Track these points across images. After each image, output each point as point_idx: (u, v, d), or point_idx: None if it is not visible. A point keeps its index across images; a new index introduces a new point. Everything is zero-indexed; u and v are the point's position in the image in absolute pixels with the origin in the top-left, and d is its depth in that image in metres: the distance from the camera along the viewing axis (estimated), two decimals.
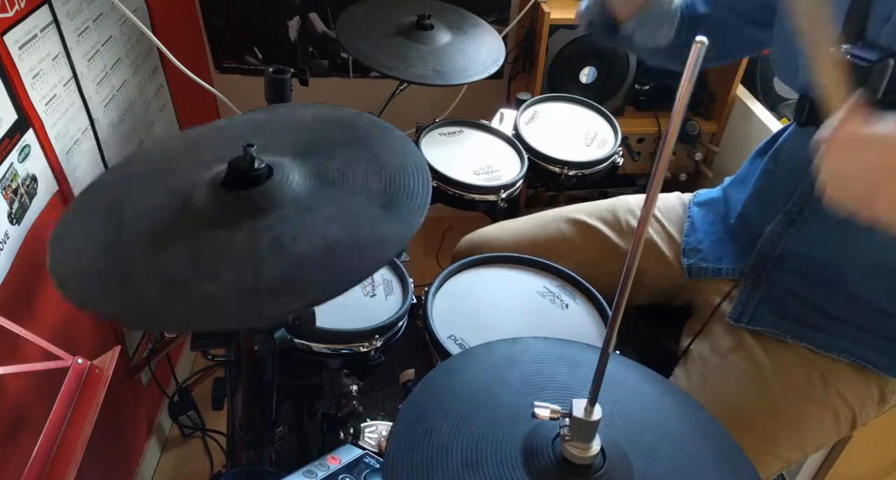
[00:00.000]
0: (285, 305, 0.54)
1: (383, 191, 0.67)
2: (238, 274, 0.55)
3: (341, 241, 0.60)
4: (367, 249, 0.60)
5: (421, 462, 0.54)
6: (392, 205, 0.66)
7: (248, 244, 0.58)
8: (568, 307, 0.97)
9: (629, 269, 0.46)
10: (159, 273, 0.56)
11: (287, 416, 1.08)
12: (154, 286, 0.55)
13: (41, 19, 1.03)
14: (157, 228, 0.60)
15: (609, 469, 0.54)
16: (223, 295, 0.54)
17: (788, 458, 0.91)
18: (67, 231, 0.63)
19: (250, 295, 0.54)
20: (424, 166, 0.70)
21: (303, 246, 0.59)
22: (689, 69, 0.39)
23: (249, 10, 1.79)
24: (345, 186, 0.66)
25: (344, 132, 0.75)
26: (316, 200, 0.64)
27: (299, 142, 0.70)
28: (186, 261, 0.56)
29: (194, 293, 0.54)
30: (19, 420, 0.99)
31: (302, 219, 0.62)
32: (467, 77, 1.25)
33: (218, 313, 0.53)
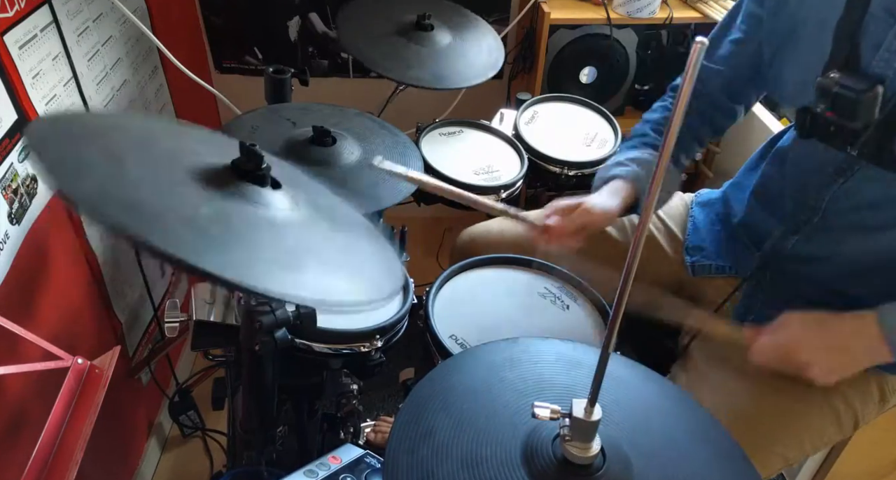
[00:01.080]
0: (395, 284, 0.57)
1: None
2: (270, 247, 0.56)
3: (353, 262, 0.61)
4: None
5: (421, 461, 0.54)
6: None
7: (271, 227, 0.59)
8: (568, 308, 0.97)
9: (629, 269, 0.46)
10: (179, 214, 0.54)
11: (287, 416, 1.08)
12: (177, 223, 0.52)
13: (41, 19, 1.03)
14: (162, 180, 0.58)
15: (609, 468, 0.54)
16: (258, 259, 0.54)
17: (788, 457, 0.91)
18: (55, 143, 0.57)
19: (283, 271, 0.55)
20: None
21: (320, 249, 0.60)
22: (688, 69, 0.39)
23: (249, 10, 1.79)
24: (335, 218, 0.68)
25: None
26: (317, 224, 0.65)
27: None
28: (209, 218, 0.55)
29: (231, 249, 0.54)
30: (19, 420, 0.99)
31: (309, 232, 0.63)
32: (465, 81, 1.25)
33: (256, 276, 0.52)
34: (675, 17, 1.60)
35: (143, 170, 0.57)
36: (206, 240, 0.53)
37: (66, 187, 0.49)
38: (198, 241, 0.52)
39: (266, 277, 0.53)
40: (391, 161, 0.94)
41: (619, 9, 1.60)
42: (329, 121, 1.05)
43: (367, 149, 1.07)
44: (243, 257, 0.54)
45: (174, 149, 0.65)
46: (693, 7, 1.65)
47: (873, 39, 0.78)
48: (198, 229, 0.53)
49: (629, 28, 1.63)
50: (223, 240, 0.54)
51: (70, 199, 0.49)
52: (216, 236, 0.54)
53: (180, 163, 0.62)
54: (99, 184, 0.52)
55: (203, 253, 0.51)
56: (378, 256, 0.69)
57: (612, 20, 1.57)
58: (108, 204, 0.50)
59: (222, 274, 0.49)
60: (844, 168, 0.85)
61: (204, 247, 0.52)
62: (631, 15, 1.59)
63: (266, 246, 0.57)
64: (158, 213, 0.52)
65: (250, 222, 0.59)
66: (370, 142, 1.09)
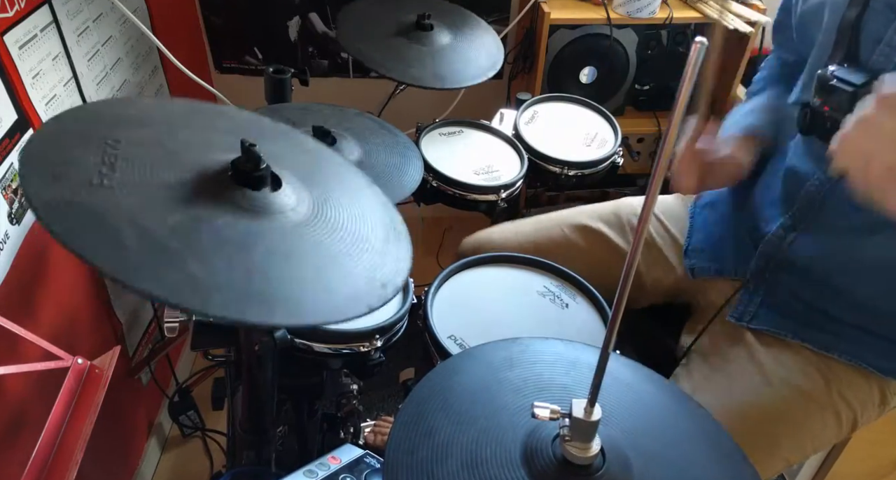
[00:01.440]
0: (269, 318, 0.53)
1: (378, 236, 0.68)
2: (230, 267, 0.54)
3: (334, 276, 0.60)
4: (360, 289, 0.60)
5: (421, 461, 0.54)
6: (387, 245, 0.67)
7: (243, 243, 0.57)
8: (568, 306, 0.97)
9: (629, 268, 0.46)
10: (140, 225, 0.53)
11: (287, 416, 1.08)
12: (132, 236, 0.51)
13: (41, 19, 1.03)
14: (148, 184, 0.57)
15: (609, 469, 0.54)
16: (212, 283, 0.52)
17: (789, 459, 0.91)
18: (51, 145, 0.57)
19: (239, 294, 0.53)
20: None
21: (297, 267, 0.58)
22: (688, 69, 0.39)
23: (249, 10, 1.79)
24: (338, 222, 0.66)
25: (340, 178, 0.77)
26: (311, 227, 0.64)
27: (301, 167, 0.69)
28: (172, 229, 0.54)
29: (183, 266, 0.52)
30: (19, 420, 0.99)
31: (299, 240, 0.61)
32: (466, 80, 1.25)
33: (202, 297, 0.51)
34: (675, 17, 1.60)
35: (129, 173, 0.57)
36: (157, 254, 0.51)
37: (29, 190, 0.50)
38: (144, 257, 0.51)
39: (206, 296, 0.51)
40: None
41: (619, 9, 1.60)
42: (329, 121, 1.05)
43: (367, 149, 1.07)
44: (194, 275, 0.52)
45: (190, 141, 0.64)
46: (693, 7, 1.65)
47: (874, 34, 0.78)
48: (151, 244, 0.52)
49: (629, 28, 1.63)
50: (178, 254, 0.52)
51: (31, 205, 0.49)
52: (172, 249, 0.52)
53: (183, 160, 0.61)
54: (68, 191, 0.52)
55: (143, 269, 0.50)
56: (384, 229, 0.69)
57: (612, 20, 1.57)
58: (61, 213, 0.50)
59: (155, 292, 0.48)
60: None
61: (149, 263, 0.50)
62: (631, 15, 1.59)
63: (230, 258, 0.55)
64: (112, 225, 0.51)
65: (225, 233, 0.57)
66: (370, 142, 1.09)
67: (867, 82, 0.75)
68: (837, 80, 0.77)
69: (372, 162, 1.04)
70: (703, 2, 1.65)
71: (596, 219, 1.15)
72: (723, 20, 1.55)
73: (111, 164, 0.56)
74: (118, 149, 0.58)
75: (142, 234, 0.52)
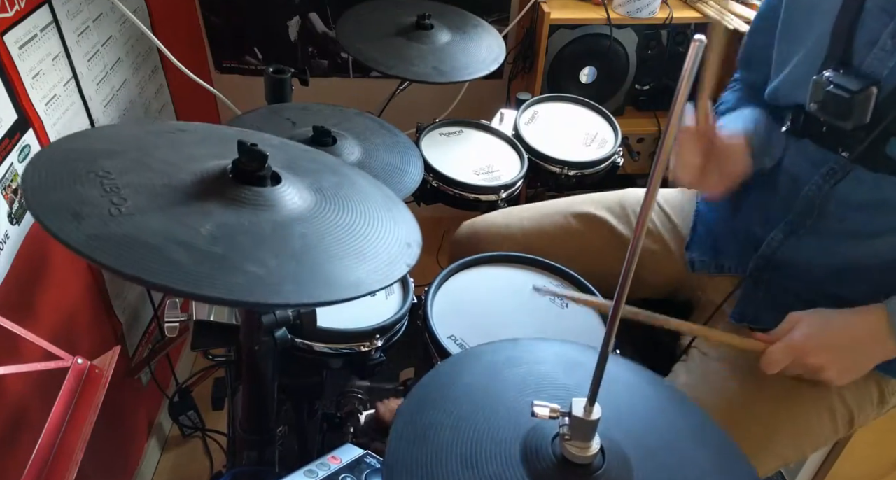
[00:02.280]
0: (338, 294, 0.57)
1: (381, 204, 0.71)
2: (279, 259, 0.57)
3: (362, 249, 0.64)
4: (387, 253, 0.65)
5: (421, 461, 0.54)
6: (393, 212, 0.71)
7: (276, 235, 0.59)
8: (568, 306, 0.97)
9: (629, 268, 0.46)
10: (180, 240, 0.54)
11: (287, 416, 1.08)
12: (179, 251, 0.53)
13: (41, 19, 1.03)
14: (160, 203, 0.59)
15: (609, 468, 0.54)
16: (276, 276, 0.55)
17: (785, 456, 0.91)
18: (52, 189, 0.58)
19: (303, 280, 0.56)
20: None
21: (332, 246, 0.62)
22: (687, 69, 0.39)
23: (249, 10, 1.79)
24: (344, 205, 0.69)
25: (318, 162, 0.79)
26: (324, 211, 0.66)
27: (278, 160, 0.72)
28: (209, 237, 0.56)
29: (240, 267, 0.54)
30: (19, 420, 0.99)
31: (322, 223, 0.64)
32: (468, 74, 1.25)
33: (275, 291, 0.53)
34: (675, 17, 1.60)
35: (139, 196, 0.58)
36: (210, 262, 0.53)
37: (63, 236, 0.51)
38: (202, 267, 0.52)
39: (278, 289, 0.53)
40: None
41: (619, 9, 1.60)
42: (329, 121, 1.05)
43: (367, 149, 1.07)
44: (254, 272, 0.54)
45: (171, 160, 0.65)
46: (693, 7, 1.65)
47: (868, 37, 0.78)
48: (200, 254, 0.54)
49: (629, 28, 1.63)
50: (229, 258, 0.55)
51: (70, 246, 0.50)
52: (220, 255, 0.54)
53: (178, 175, 0.62)
54: (98, 226, 0.53)
55: (208, 278, 0.51)
56: (393, 222, 0.72)
57: (612, 20, 1.57)
58: (104, 246, 0.51)
59: (232, 296, 0.50)
60: (836, 169, 0.84)
61: (209, 272, 0.52)
62: (631, 15, 1.59)
63: (273, 251, 0.57)
64: (156, 246, 0.53)
65: (255, 231, 0.59)
66: (370, 142, 1.09)
67: (864, 88, 0.76)
68: (834, 87, 0.77)
69: (372, 162, 1.04)
70: (703, 2, 1.65)
71: (600, 208, 1.15)
72: (723, 20, 1.54)
73: (117, 193, 0.58)
74: (114, 179, 0.60)
75: (187, 248, 0.54)
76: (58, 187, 0.57)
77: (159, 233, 0.54)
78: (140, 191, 0.59)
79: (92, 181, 0.58)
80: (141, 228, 0.54)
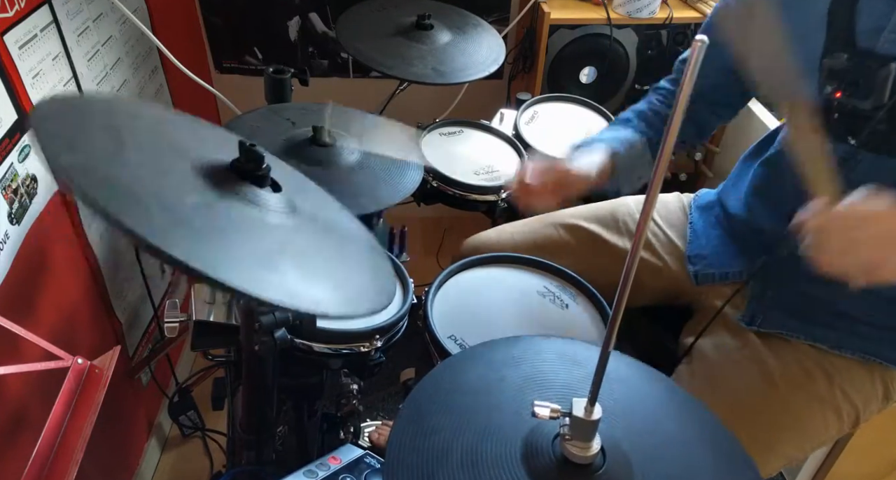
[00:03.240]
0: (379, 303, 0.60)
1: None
2: (244, 249, 0.56)
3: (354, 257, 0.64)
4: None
5: (421, 461, 0.54)
6: None
7: (255, 230, 0.59)
8: (568, 307, 0.97)
9: (629, 269, 0.46)
10: (162, 200, 0.54)
11: (287, 416, 1.08)
12: (157, 207, 0.52)
13: (41, 19, 1.03)
14: (157, 167, 0.59)
15: (609, 468, 0.54)
16: (230, 259, 0.54)
17: (790, 456, 0.91)
18: (59, 120, 0.57)
19: (256, 270, 0.55)
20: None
21: (305, 259, 0.61)
22: (688, 69, 0.39)
23: (249, 10, 1.79)
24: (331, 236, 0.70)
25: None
26: (309, 232, 0.66)
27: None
28: (193, 208, 0.56)
29: (208, 243, 0.54)
30: (19, 420, 0.99)
31: (300, 239, 0.64)
32: (467, 76, 1.25)
33: (222, 268, 0.52)
34: (675, 17, 1.60)
35: (142, 154, 0.58)
36: (183, 227, 0.53)
37: (52, 157, 0.50)
38: (173, 227, 0.52)
39: (235, 272, 0.52)
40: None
41: (619, 9, 1.60)
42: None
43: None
44: (218, 249, 0.54)
45: (184, 141, 0.66)
46: (693, 7, 1.65)
47: (872, 22, 0.78)
48: (178, 216, 0.53)
49: (629, 28, 1.63)
50: (203, 230, 0.54)
51: (54, 169, 0.49)
52: (197, 226, 0.54)
53: (186, 154, 0.62)
54: (87, 159, 0.52)
55: (175, 239, 0.50)
56: (371, 271, 0.70)
57: (612, 20, 1.57)
58: (89, 177, 0.50)
59: (187, 261, 0.48)
60: (847, 159, 0.83)
61: (178, 235, 0.51)
62: (631, 15, 1.59)
63: (247, 243, 0.57)
64: (139, 195, 0.52)
65: (238, 219, 0.59)
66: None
67: (884, 64, 0.76)
68: (854, 65, 0.77)
69: (372, 162, 1.04)
70: (704, 2, 1.65)
71: (591, 220, 1.15)
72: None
73: (120, 145, 0.57)
74: (122, 135, 0.59)
75: (165, 208, 0.53)
76: (68, 121, 0.57)
77: (145, 186, 0.54)
78: (143, 149, 0.59)
79: (102, 130, 0.58)
80: (129, 176, 0.54)
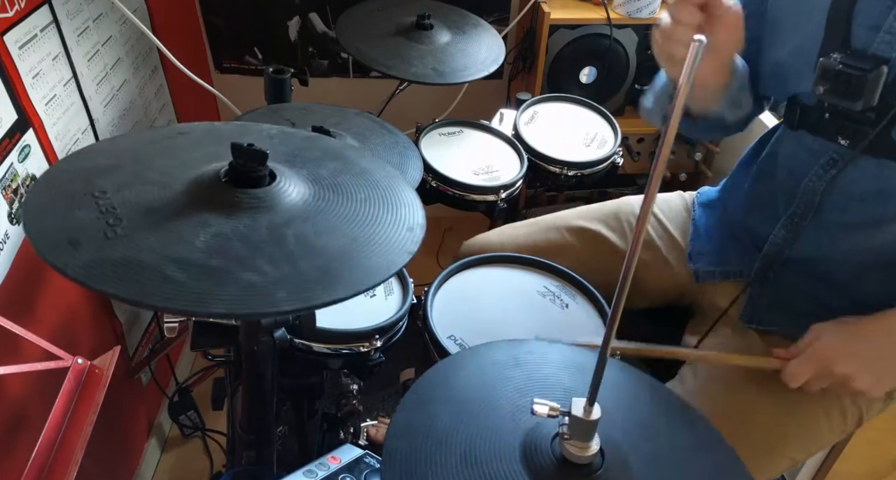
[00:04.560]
0: (337, 293, 0.56)
1: (380, 197, 0.70)
2: (275, 263, 0.56)
3: (361, 239, 0.62)
4: (385, 247, 0.63)
5: (419, 459, 0.54)
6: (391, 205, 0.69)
7: (273, 238, 0.59)
8: (568, 307, 0.97)
9: (628, 267, 0.46)
10: (175, 257, 0.55)
11: (287, 416, 1.08)
12: (174, 269, 0.54)
13: (41, 19, 1.03)
14: (157, 218, 0.59)
15: (608, 469, 0.54)
16: (269, 283, 0.54)
17: (795, 458, 0.91)
18: (48, 215, 0.59)
19: (298, 284, 0.55)
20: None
21: (329, 241, 0.61)
22: (687, 69, 0.39)
23: (249, 10, 1.79)
24: (343, 192, 0.68)
25: (318, 149, 0.78)
26: (321, 202, 0.66)
27: (273, 153, 0.72)
28: (205, 250, 0.56)
29: (236, 278, 0.54)
30: (19, 420, 0.99)
31: (319, 217, 0.63)
32: (467, 76, 1.25)
33: (269, 299, 0.53)
34: None
35: (134, 216, 0.58)
36: (207, 277, 0.53)
37: (61, 265, 0.52)
38: (200, 283, 0.53)
39: (272, 298, 0.53)
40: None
41: (619, 9, 1.60)
42: (329, 121, 1.05)
43: (367, 149, 1.07)
44: (250, 282, 0.54)
45: (167, 169, 0.66)
46: None
47: (869, 21, 0.77)
48: (196, 269, 0.54)
49: (629, 28, 1.63)
50: (225, 269, 0.54)
51: (67, 276, 0.51)
52: (216, 267, 0.54)
53: (172, 186, 0.63)
54: (91, 251, 0.54)
55: (206, 294, 0.52)
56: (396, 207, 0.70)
57: (612, 20, 1.57)
58: (101, 272, 0.52)
59: (230, 310, 0.51)
60: (836, 159, 0.84)
61: (208, 287, 0.52)
62: (631, 15, 1.59)
63: (269, 256, 0.57)
64: (153, 265, 0.53)
65: (252, 236, 0.59)
66: (370, 142, 1.09)
67: (875, 66, 0.75)
68: (844, 66, 0.77)
69: None
70: None
71: (594, 221, 1.15)
72: None
73: (113, 214, 0.58)
74: (109, 198, 0.60)
75: (183, 264, 0.54)
76: (56, 213, 0.58)
77: (155, 251, 0.55)
78: (135, 208, 0.59)
79: (88, 203, 0.59)
80: (137, 249, 0.55)
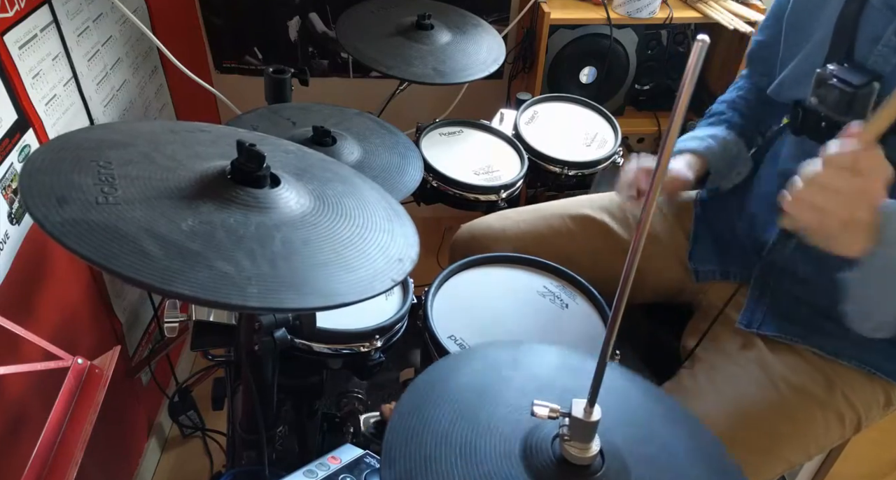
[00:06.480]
0: (304, 302, 0.56)
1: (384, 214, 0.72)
2: (254, 260, 0.56)
3: (346, 257, 0.63)
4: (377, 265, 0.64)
5: (419, 459, 0.54)
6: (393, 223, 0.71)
7: (259, 237, 0.59)
8: (567, 307, 0.97)
9: (629, 269, 0.46)
10: (157, 233, 0.55)
11: (287, 416, 1.08)
12: (153, 244, 0.53)
13: (41, 19, 1.03)
14: (150, 196, 0.59)
15: (608, 471, 0.54)
16: (243, 276, 0.54)
17: (792, 460, 0.91)
18: (47, 172, 0.59)
19: (271, 284, 0.55)
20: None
21: (314, 252, 0.61)
22: (690, 69, 0.39)
23: (249, 10, 1.79)
24: (343, 213, 0.69)
25: (331, 171, 0.79)
26: (318, 217, 0.66)
27: (288, 165, 0.72)
28: (189, 233, 0.56)
29: (210, 265, 0.54)
30: (19, 420, 0.99)
31: (311, 229, 0.64)
32: (468, 76, 1.25)
33: (239, 292, 0.53)
34: (675, 17, 1.60)
35: (131, 189, 0.59)
36: (182, 258, 0.53)
37: (40, 216, 0.52)
38: (173, 262, 0.52)
39: (243, 290, 0.53)
40: None
41: (619, 9, 1.60)
42: (329, 121, 1.05)
43: (367, 149, 1.07)
44: (224, 271, 0.54)
45: (178, 156, 0.66)
46: (693, 7, 1.64)
47: (871, 33, 0.77)
48: (174, 249, 0.54)
49: (629, 28, 1.63)
50: (202, 255, 0.54)
51: (43, 228, 0.51)
52: (194, 251, 0.54)
53: (178, 171, 0.63)
54: (77, 212, 0.54)
55: (177, 273, 0.51)
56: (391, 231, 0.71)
57: (612, 20, 1.57)
58: (77, 231, 0.52)
59: (197, 294, 0.50)
60: None
61: (179, 267, 0.52)
62: (631, 15, 1.59)
63: (251, 252, 0.57)
64: (131, 236, 0.53)
65: (239, 230, 0.59)
66: (370, 142, 1.09)
67: (867, 83, 0.75)
68: (837, 80, 0.77)
69: (372, 162, 1.04)
70: (704, 2, 1.65)
71: (598, 210, 1.14)
72: None
73: (110, 183, 0.58)
74: (112, 169, 0.60)
75: (162, 241, 0.54)
76: (55, 172, 0.58)
77: (138, 224, 0.55)
78: (135, 183, 0.59)
79: (90, 169, 0.59)
80: (121, 218, 0.55)
